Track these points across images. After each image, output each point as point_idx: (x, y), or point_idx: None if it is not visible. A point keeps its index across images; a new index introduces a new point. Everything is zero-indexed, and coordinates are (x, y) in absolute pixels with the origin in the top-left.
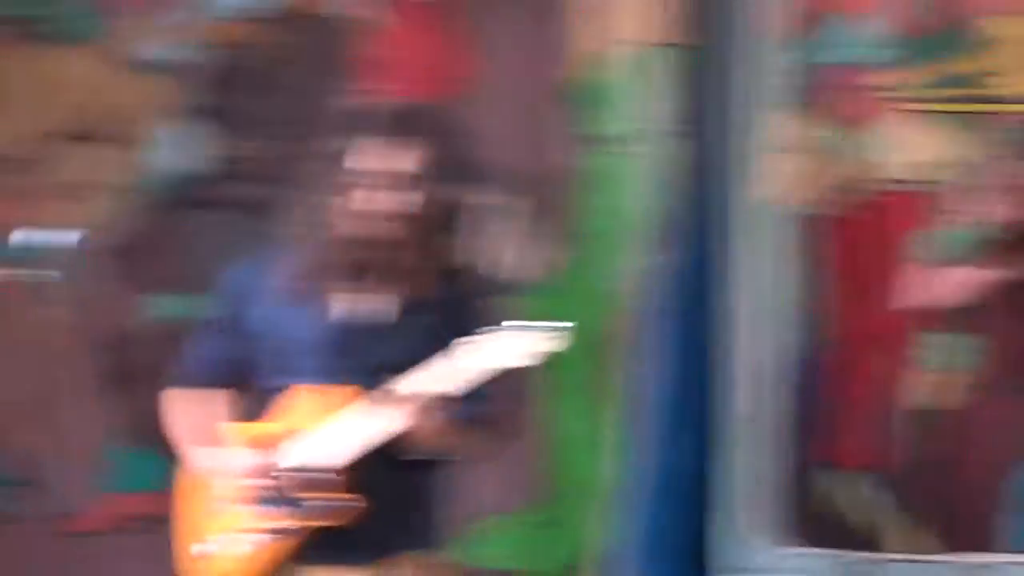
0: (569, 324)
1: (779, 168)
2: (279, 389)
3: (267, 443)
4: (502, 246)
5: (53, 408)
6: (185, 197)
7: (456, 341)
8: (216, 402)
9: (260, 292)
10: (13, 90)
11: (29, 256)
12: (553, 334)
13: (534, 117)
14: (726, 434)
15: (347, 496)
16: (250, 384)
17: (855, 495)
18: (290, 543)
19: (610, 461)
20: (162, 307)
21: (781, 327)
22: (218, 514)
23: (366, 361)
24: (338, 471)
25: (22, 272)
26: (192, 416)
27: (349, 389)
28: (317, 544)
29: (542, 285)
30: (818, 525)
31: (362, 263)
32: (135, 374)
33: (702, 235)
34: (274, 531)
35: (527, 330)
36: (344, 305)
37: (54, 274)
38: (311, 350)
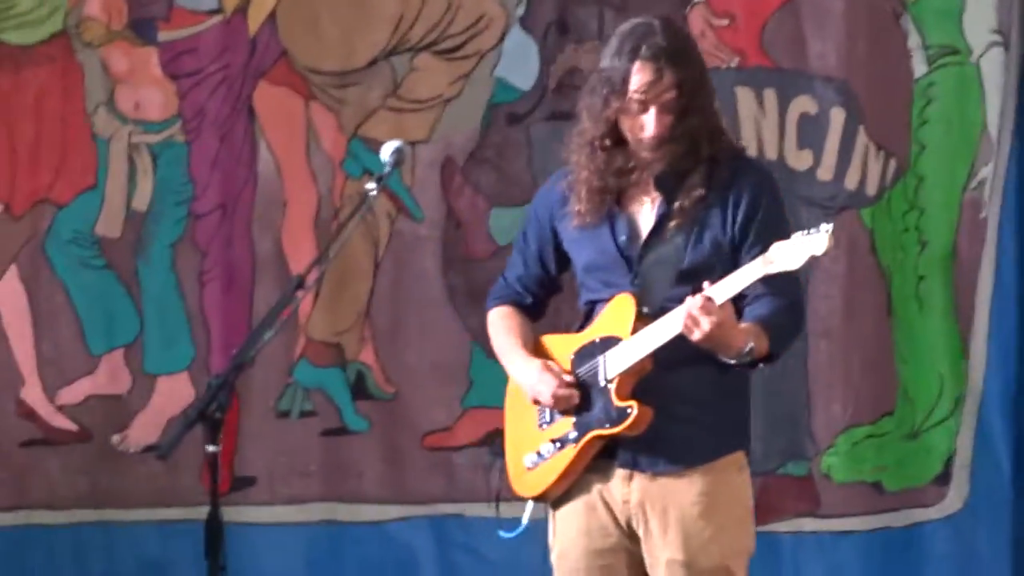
0: (831, 225)
1: None
2: (592, 302)
3: (579, 353)
4: (843, 159)
5: (419, 325)
6: (527, 109)
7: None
8: (527, 317)
9: (562, 213)
10: (371, 4)
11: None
12: (829, 235)
13: (873, 29)
14: None
15: (637, 404)
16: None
17: None
18: (595, 450)
19: (970, 373)
20: (506, 220)
21: None
22: (539, 424)
23: (664, 269)
24: (648, 377)
25: (384, 186)
26: (509, 331)
27: (651, 298)
28: (641, 448)
29: (886, 197)
30: None
31: (646, 181)
32: (487, 291)
33: None
34: (581, 438)
35: (809, 235)
36: (636, 219)
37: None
38: (611, 265)
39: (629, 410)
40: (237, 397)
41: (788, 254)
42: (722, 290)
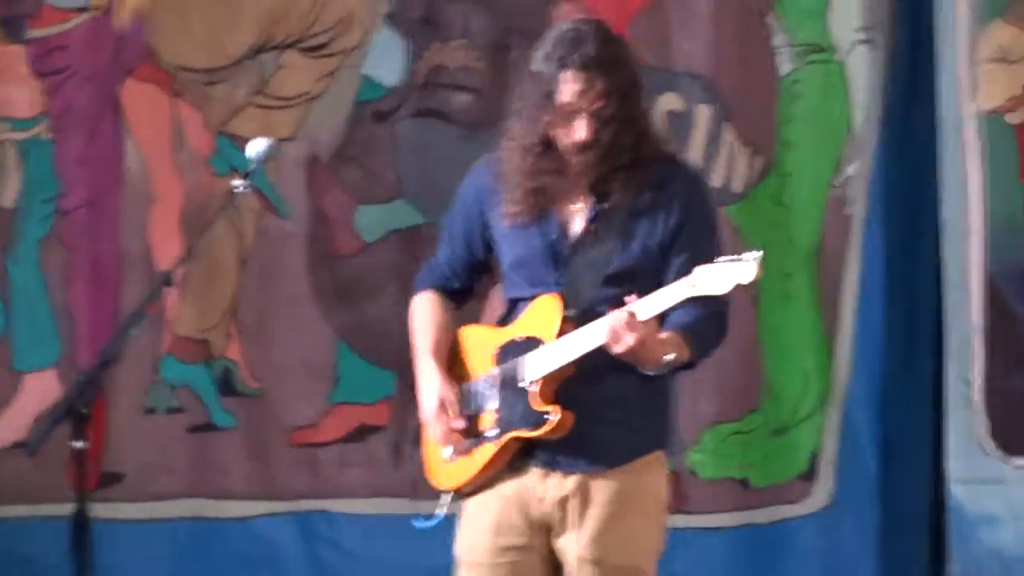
0: (760, 253)
1: (998, 77)
2: (517, 299)
3: (503, 349)
4: (709, 156)
5: (285, 321)
6: (393, 106)
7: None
8: (451, 303)
9: (492, 203)
10: (239, 2)
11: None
12: (757, 263)
13: (739, 27)
14: (958, 346)
15: (559, 409)
16: (477, 289)
17: None
18: (515, 449)
19: (835, 369)
20: (372, 218)
21: (1005, 238)
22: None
23: (592, 271)
24: (571, 380)
25: (251, 183)
26: (426, 327)
27: (577, 299)
28: (560, 449)
29: (752, 194)
30: None
31: (577, 182)
32: (353, 287)
33: (918, 145)
34: (500, 437)
35: (737, 262)
36: (567, 220)
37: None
38: (539, 263)
39: (549, 415)
40: (104, 394)
41: (714, 279)
42: (647, 307)
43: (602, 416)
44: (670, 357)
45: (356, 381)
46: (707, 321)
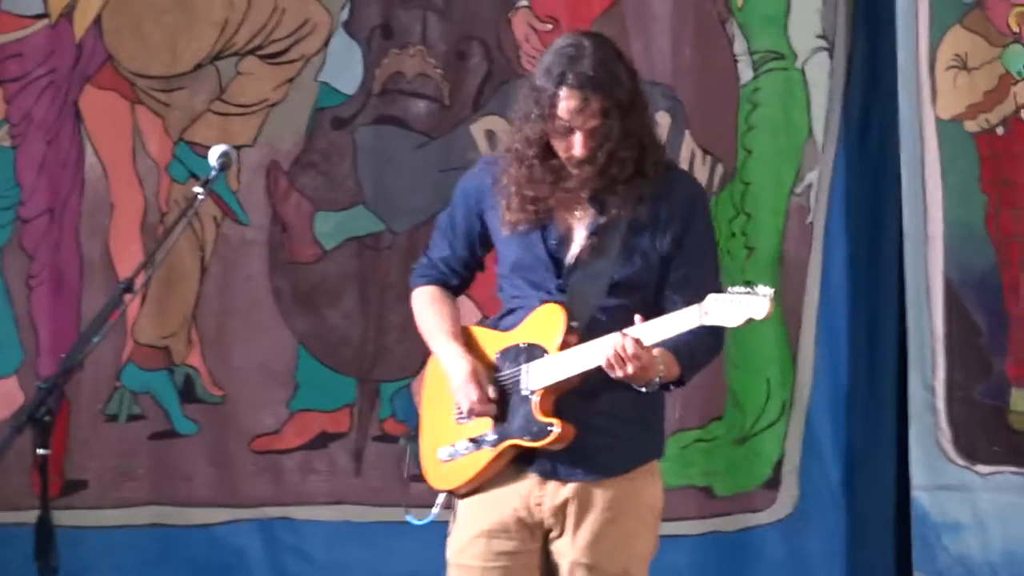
0: (772, 290)
1: (957, 85)
2: (516, 298)
3: (504, 354)
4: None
5: (245, 328)
6: (352, 113)
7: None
8: (450, 301)
9: (492, 203)
10: (197, 9)
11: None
12: (770, 300)
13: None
14: (920, 354)
15: (561, 422)
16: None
17: None
18: (511, 456)
19: (798, 377)
20: (331, 224)
21: (965, 246)
22: (457, 417)
23: (595, 282)
24: (569, 391)
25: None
26: (440, 316)
27: (581, 310)
28: (559, 458)
29: (713, 203)
30: (1015, 444)
31: (578, 190)
32: (313, 294)
33: (878, 153)
34: (498, 443)
35: (750, 295)
36: (568, 228)
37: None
38: (540, 269)
39: (551, 427)
40: (66, 401)
41: (726, 311)
42: (652, 333)
43: (599, 427)
44: (659, 375)
45: (316, 388)
46: (700, 338)
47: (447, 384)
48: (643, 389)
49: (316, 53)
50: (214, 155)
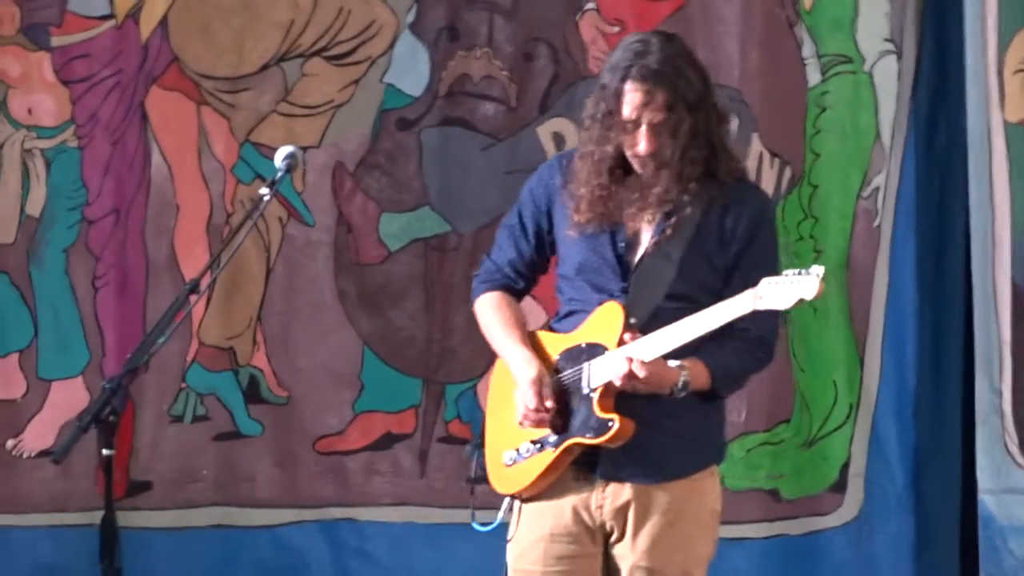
0: (823, 269)
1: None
2: (577, 301)
3: (565, 356)
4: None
5: (310, 329)
6: (418, 115)
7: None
8: (516, 306)
9: (560, 202)
10: (262, 10)
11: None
12: (820, 280)
13: (767, 37)
14: (987, 358)
15: (620, 417)
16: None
17: None
18: (573, 456)
19: (865, 381)
20: (396, 226)
21: None
22: (520, 420)
23: (656, 285)
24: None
25: (275, 192)
26: (508, 322)
27: (640, 309)
28: (620, 458)
29: (781, 206)
30: None
31: (647, 193)
32: (378, 295)
33: (945, 156)
34: (560, 443)
35: (801, 276)
36: (636, 231)
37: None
38: (606, 271)
39: (611, 423)
40: (131, 402)
41: (778, 293)
42: (694, 327)
43: (660, 426)
44: (683, 380)
45: (381, 389)
46: (739, 353)
47: (512, 388)
48: (670, 396)
49: (382, 54)
50: (280, 156)
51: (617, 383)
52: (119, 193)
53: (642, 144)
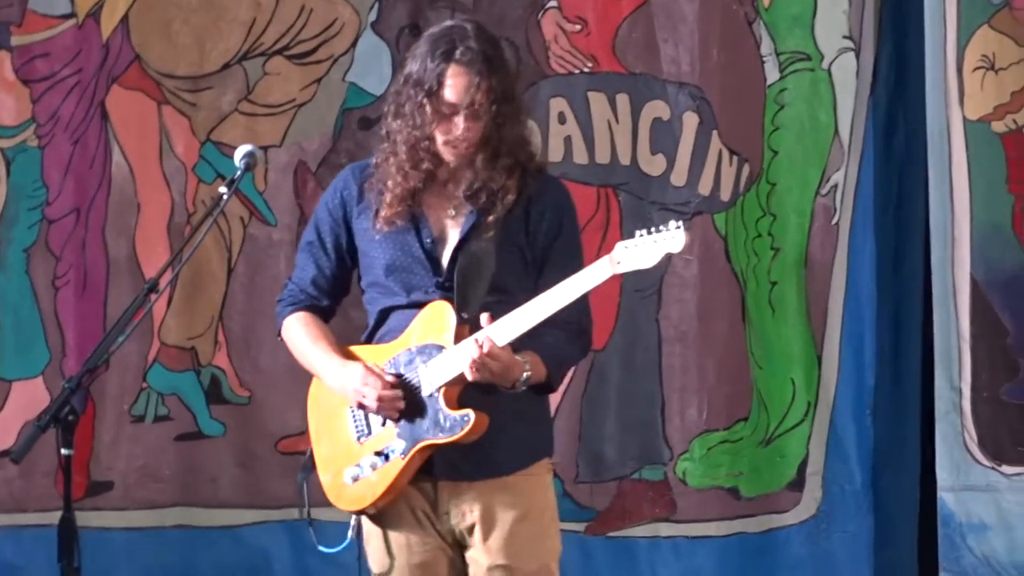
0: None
1: (984, 86)
2: (388, 309)
3: (393, 363)
4: (696, 164)
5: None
6: (380, 113)
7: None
8: (323, 324)
9: (359, 210)
10: (224, 9)
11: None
12: (684, 231)
13: (726, 35)
14: (946, 355)
15: (471, 412)
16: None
17: None
18: (421, 461)
19: (823, 378)
20: None
21: (992, 247)
22: (356, 437)
23: (476, 279)
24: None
25: (236, 191)
26: (316, 338)
27: (468, 304)
28: (456, 460)
29: (739, 203)
30: None
31: (452, 187)
32: None
33: (905, 153)
34: (409, 449)
35: (659, 233)
36: (442, 226)
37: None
38: (416, 267)
39: (466, 418)
40: (92, 402)
41: (639, 254)
42: (539, 310)
43: (493, 422)
44: (526, 375)
45: None
46: (568, 341)
47: (336, 405)
48: (511, 390)
49: (344, 53)
50: (239, 155)
51: (470, 374)
52: (80, 192)
53: (459, 130)
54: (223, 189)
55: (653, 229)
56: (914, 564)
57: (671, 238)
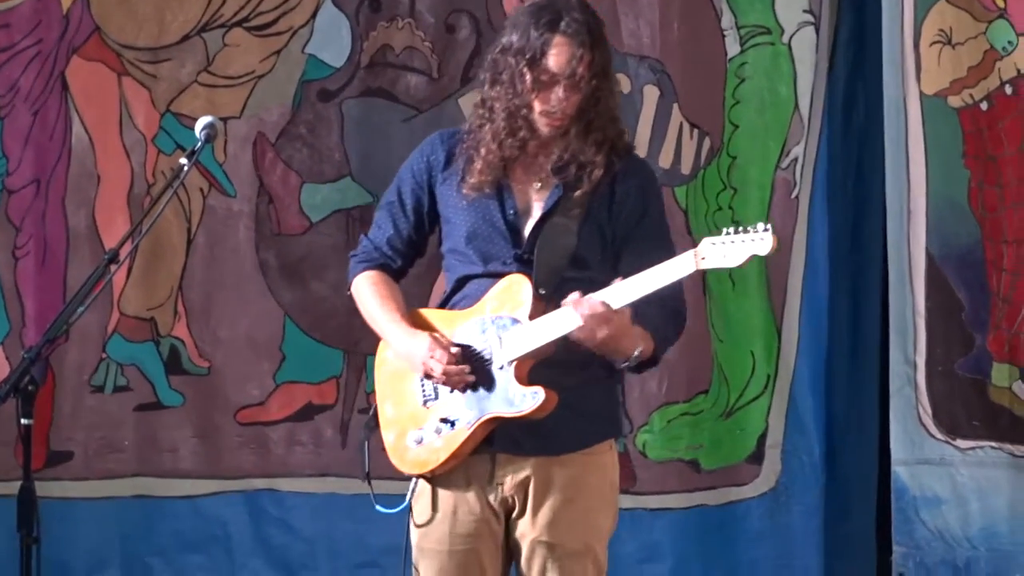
0: (770, 225)
1: (941, 60)
2: (466, 277)
3: (465, 330)
4: (657, 138)
5: (232, 300)
6: (339, 86)
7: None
8: (394, 284)
9: (444, 176)
10: None
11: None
12: (772, 235)
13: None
14: (902, 329)
15: (541, 389)
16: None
17: None
18: (486, 432)
19: (783, 352)
20: (318, 196)
21: (948, 221)
22: (423, 401)
23: (557, 252)
24: (530, 365)
25: (195, 162)
26: (385, 299)
27: (546, 279)
28: (518, 434)
29: (700, 176)
30: (996, 418)
31: (542, 159)
32: (299, 266)
33: (863, 127)
34: (476, 420)
35: (747, 233)
36: (527, 198)
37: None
38: (496, 238)
39: (536, 394)
40: (52, 372)
41: (724, 252)
42: (631, 290)
43: (565, 401)
44: (639, 350)
45: (303, 360)
46: (670, 320)
47: (402, 368)
48: (620, 365)
49: (303, 25)
50: (199, 126)
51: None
52: (39, 163)
53: (558, 100)
54: (183, 160)
55: (740, 229)
56: (871, 537)
57: (759, 239)
